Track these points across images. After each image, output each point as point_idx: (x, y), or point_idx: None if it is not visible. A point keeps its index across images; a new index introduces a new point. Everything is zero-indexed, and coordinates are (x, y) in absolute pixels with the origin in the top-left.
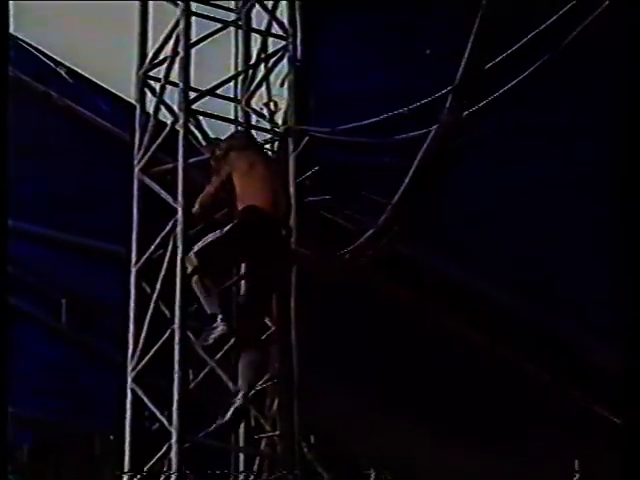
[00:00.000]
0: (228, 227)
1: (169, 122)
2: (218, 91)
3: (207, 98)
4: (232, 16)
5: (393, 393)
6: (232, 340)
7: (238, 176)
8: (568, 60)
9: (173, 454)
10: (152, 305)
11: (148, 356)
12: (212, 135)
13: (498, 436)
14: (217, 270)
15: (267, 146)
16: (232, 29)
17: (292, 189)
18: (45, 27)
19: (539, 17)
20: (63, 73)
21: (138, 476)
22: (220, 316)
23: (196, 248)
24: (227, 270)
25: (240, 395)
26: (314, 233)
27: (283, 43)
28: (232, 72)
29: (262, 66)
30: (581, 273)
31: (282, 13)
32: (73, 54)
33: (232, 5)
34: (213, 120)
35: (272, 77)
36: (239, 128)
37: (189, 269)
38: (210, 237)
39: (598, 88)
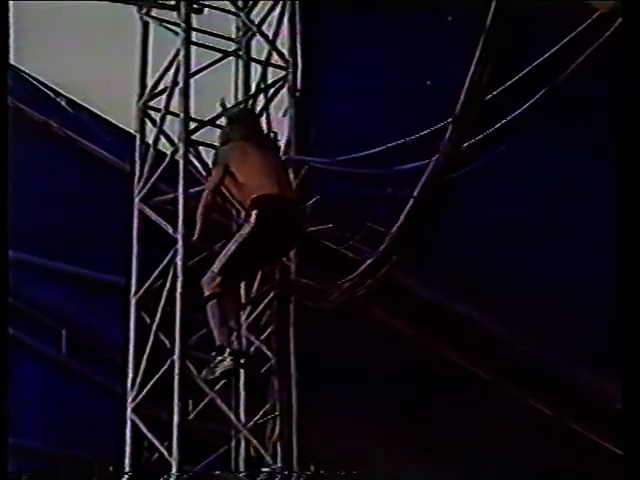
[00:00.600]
0: (249, 227)
1: (169, 152)
2: (218, 121)
3: (207, 128)
4: (232, 46)
5: (393, 422)
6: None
7: (237, 165)
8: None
9: None
10: (152, 335)
11: (148, 387)
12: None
13: (498, 463)
14: (238, 284)
15: None
16: (232, 59)
17: None
18: (45, 58)
19: (539, 48)
20: (63, 103)
21: None
22: (228, 350)
23: (216, 267)
24: (248, 281)
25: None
26: (314, 262)
27: (283, 73)
28: (232, 102)
29: (262, 96)
30: (580, 306)
31: (282, 43)
32: (73, 84)
33: (232, 35)
34: (213, 150)
35: (272, 107)
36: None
37: (208, 292)
38: (231, 247)
39: (592, 128)
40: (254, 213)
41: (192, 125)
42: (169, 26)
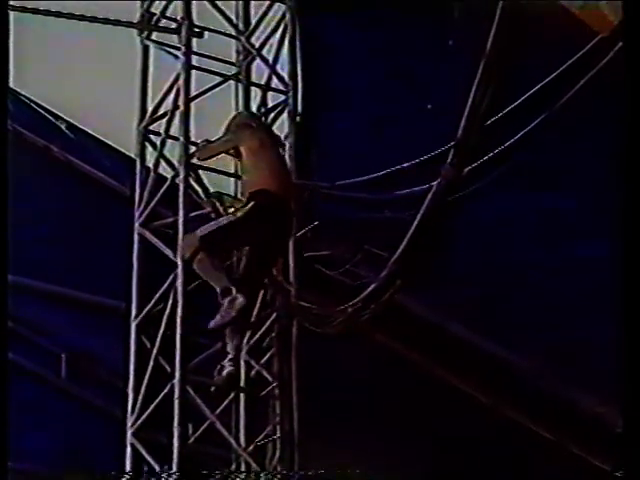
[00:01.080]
0: (243, 212)
1: (169, 176)
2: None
3: None
4: (232, 69)
5: (395, 446)
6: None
7: (249, 153)
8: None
9: None
10: (152, 360)
11: (148, 411)
12: (212, 189)
13: None
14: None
15: None
16: (232, 82)
17: (292, 244)
18: (45, 81)
19: (539, 73)
20: (63, 127)
21: None
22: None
23: (201, 231)
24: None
25: (229, 359)
26: (317, 287)
27: (283, 97)
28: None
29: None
30: (581, 329)
31: (283, 67)
32: (73, 108)
33: (232, 58)
34: (214, 174)
35: None
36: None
37: (188, 252)
38: (222, 220)
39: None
40: (251, 203)
41: (192, 149)
42: (169, 50)
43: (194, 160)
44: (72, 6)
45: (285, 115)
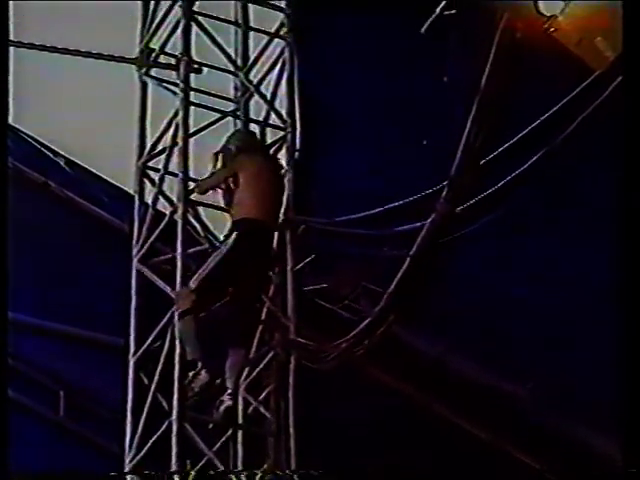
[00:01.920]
0: (227, 248)
1: (168, 212)
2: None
3: None
4: (231, 106)
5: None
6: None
7: (244, 178)
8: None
9: None
10: (150, 396)
11: (146, 448)
12: (211, 226)
13: None
14: (212, 303)
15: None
16: (231, 119)
17: (290, 278)
18: (44, 118)
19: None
20: (62, 163)
21: None
22: (200, 363)
23: (194, 283)
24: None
25: (228, 393)
26: (313, 322)
27: (282, 134)
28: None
29: None
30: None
31: (281, 103)
32: (72, 144)
33: (231, 95)
34: (212, 210)
35: None
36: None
37: (181, 307)
38: (210, 263)
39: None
40: (234, 234)
41: (191, 185)
42: (168, 86)
43: (193, 195)
44: (71, 42)
45: (284, 151)
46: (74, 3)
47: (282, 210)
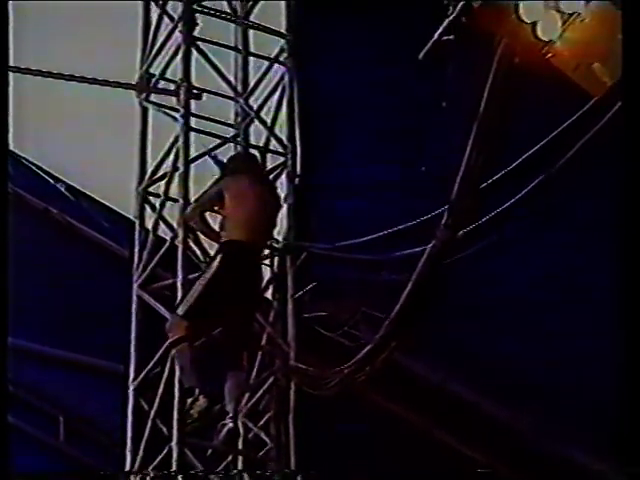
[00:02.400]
0: (212, 271)
1: (168, 238)
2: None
3: None
4: (231, 131)
5: None
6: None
7: (230, 200)
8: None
9: None
10: (149, 422)
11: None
12: (211, 252)
13: None
14: (205, 330)
15: None
16: (231, 144)
17: (290, 305)
18: (44, 144)
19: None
20: (63, 189)
21: None
22: (229, 415)
23: (182, 310)
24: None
25: (230, 415)
26: (313, 349)
27: (282, 159)
28: None
29: None
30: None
31: (281, 129)
32: (73, 170)
33: (231, 120)
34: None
35: None
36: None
37: (174, 335)
38: (197, 289)
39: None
40: (219, 257)
41: None
42: (168, 111)
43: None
44: (72, 67)
45: (284, 177)
46: (75, 28)
47: (275, 231)
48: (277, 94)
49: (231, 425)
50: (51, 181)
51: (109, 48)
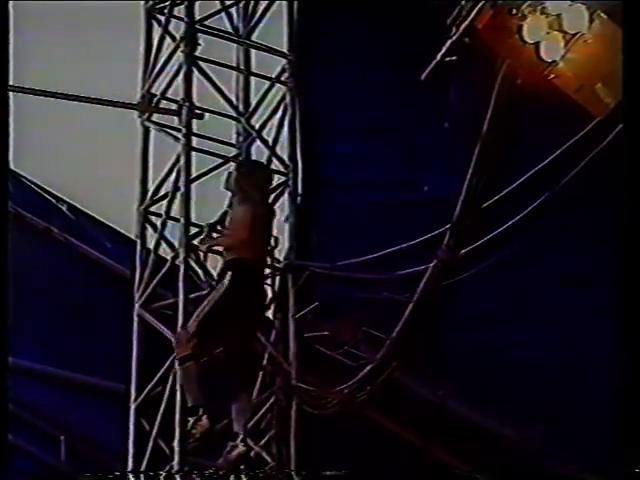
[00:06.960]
0: (222, 289)
1: (169, 257)
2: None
3: None
4: (233, 151)
5: None
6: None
7: (233, 214)
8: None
9: None
10: (151, 442)
11: None
12: (213, 271)
13: None
14: (212, 348)
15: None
16: (233, 164)
17: (292, 325)
18: (46, 163)
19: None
20: (64, 209)
21: None
22: (201, 409)
23: (191, 327)
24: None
25: (240, 438)
26: (314, 368)
27: (283, 179)
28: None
29: None
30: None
31: (282, 148)
32: (74, 190)
33: (233, 139)
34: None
35: None
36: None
37: (181, 352)
38: (206, 306)
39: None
40: (228, 274)
41: (193, 230)
42: (170, 131)
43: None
44: (74, 87)
45: (286, 196)
46: (77, 48)
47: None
48: (279, 114)
49: (243, 448)
50: (52, 200)
51: (111, 68)
